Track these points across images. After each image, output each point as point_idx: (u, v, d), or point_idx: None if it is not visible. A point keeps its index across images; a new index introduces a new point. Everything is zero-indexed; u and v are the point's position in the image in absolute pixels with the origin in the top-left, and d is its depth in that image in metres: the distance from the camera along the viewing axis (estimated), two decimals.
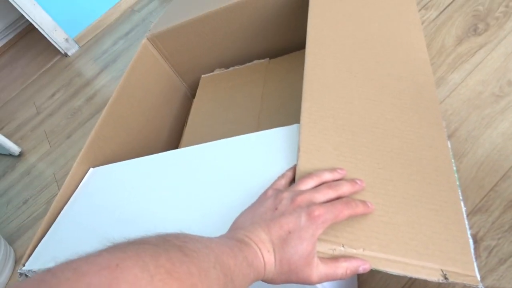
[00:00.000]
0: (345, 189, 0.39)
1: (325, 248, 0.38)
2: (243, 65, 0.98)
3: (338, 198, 0.39)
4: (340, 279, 0.37)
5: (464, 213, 0.39)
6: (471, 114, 0.81)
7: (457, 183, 0.42)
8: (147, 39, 0.94)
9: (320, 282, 0.36)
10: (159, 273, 0.23)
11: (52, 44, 2.14)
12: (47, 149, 1.56)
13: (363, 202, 0.39)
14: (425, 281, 0.63)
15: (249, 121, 0.80)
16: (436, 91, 0.50)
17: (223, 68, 1.01)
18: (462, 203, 0.40)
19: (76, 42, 2.17)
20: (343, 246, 0.38)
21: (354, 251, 0.37)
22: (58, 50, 2.18)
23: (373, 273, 0.68)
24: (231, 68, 1.00)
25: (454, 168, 0.43)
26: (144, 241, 0.26)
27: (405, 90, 0.51)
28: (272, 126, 0.54)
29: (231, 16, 0.87)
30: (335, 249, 0.38)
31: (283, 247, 0.35)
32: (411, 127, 0.47)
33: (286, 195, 0.38)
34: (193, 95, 1.06)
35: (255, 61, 0.97)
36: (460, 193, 0.41)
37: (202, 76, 1.04)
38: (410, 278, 0.65)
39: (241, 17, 0.87)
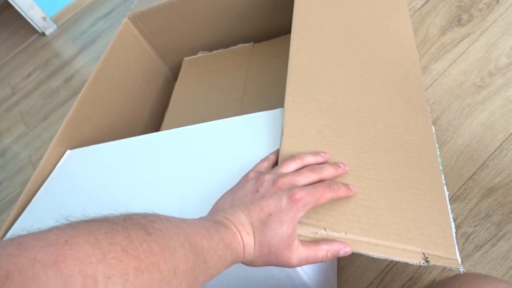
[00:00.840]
0: (327, 172, 0.39)
1: (307, 232, 0.38)
2: (227, 49, 0.97)
3: (320, 181, 0.38)
4: (321, 261, 0.36)
5: (447, 197, 0.40)
6: (453, 104, 0.82)
7: (441, 167, 0.42)
8: (128, 18, 0.91)
9: (300, 265, 0.36)
10: (114, 251, 0.21)
11: (29, 23, 2.06)
12: (23, 131, 1.52)
13: (346, 185, 0.38)
14: (403, 266, 0.64)
15: (231, 105, 0.79)
16: (421, 77, 0.50)
17: (206, 51, 0.99)
18: (445, 188, 0.40)
19: (54, 21, 2.10)
20: (325, 230, 0.38)
21: (336, 234, 0.37)
22: (35, 29, 2.10)
23: (352, 258, 0.68)
24: (214, 51, 0.98)
25: (438, 153, 0.43)
26: (103, 219, 0.25)
27: (391, 76, 0.50)
28: (255, 110, 0.53)
29: None
30: (316, 233, 0.38)
31: (263, 230, 0.34)
32: (396, 112, 0.47)
33: (268, 177, 0.38)
34: (175, 78, 1.03)
35: (240, 45, 0.95)
36: (443, 177, 0.41)
37: (185, 58, 1.01)
38: (389, 264, 0.66)
39: None
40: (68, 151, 0.67)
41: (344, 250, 0.36)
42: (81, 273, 0.19)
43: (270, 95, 0.77)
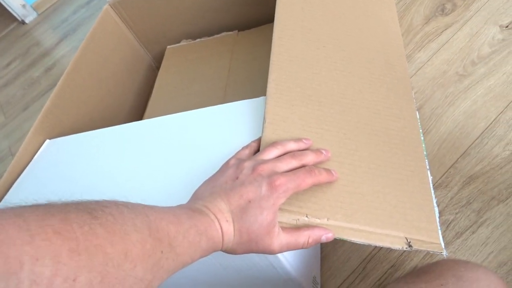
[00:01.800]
0: (309, 158, 0.39)
1: (289, 219, 0.38)
2: (210, 37, 0.95)
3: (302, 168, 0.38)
4: (303, 248, 0.36)
5: (431, 182, 0.39)
6: (436, 93, 0.82)
7: (424, 153, 0.42)
8: (109, 5, 0.89)
9: (281, 251, 0.36)
10: (44, 233, 0.21)
11: (8, 10, 2.00)
12: (2, 121, 1.48)
13: (327, 170, 0.38)
14: (385, 254, 0.65)
15: (215, 94, 0.78)
16: (406, 63, 0.50)
17: (190, 39, 0.98)
18: (428, 173, 0.40)
19: (34, 9, 2.05)
20: (306, 216, 0.37)
21: (318, 220, 0.37)
22: (15, 17, 2.04)
23: (335, 247, 0.69)
24: (198, 40, 0.97)
25: (422, 138, 0.43)
26: (53, 204, 0.24)
27: (375, 61, 0.50)
28: (239, 99, 0.52)
29: None
30: (298, 219, 0.37)
31: (243, 217, 0.34)
32: (380, 98, 0.47)
33: (248, 164, 0.37)
34: (158, 67, 1.02)
35: (223, 33, 0.94)
36: (427, 163, 0.41)
37: (168, 47, 1.00)
38: (371, 252, 0.66)
39: None
40: (47, 140, 0.66)
41: (326, 235, 0.36)
42: (2, 254, 0.19)
43: (254, 83, 0.76)
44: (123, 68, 0.93)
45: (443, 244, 0.36)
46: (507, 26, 0.88)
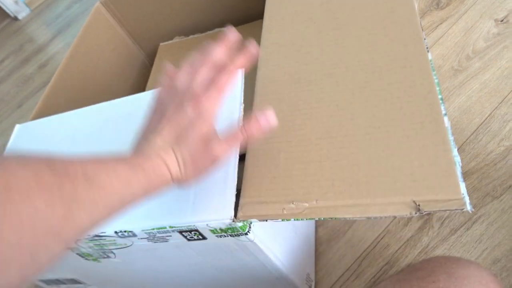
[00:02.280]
0: (216, 53, 0.37)
1: (274, 210, 0.36)
2: (203, 33, 0.94)
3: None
4: (244, 140, 0.35)
5: (449, 129, 0.34)
6: None
7: (439, 96, 0.37)
8: (100, 2, 0.88)
9: (226, 154, 0.35)
10: None
11: (0, 7, 1.98)
12: None
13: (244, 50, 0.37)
14: (380, 251, 0.65)
15: None
16: (414, 2, 0.44)
17: (182, 36, 0.97)
18: (445, 119, 0.35)
19: (27, 5, 2.02)
20: (293, 203, 0.36)
21: (306, 204, 0.35)
22: (7, 13, 2.02)
23: (330, 244, 0.68)
24: (191, 36, 0.96)
25: (436, 81, 0.38)
26: None
27: (374, 16, 0.46)
28: None
29: None
30: (284, 208, 0.36)
31: (180, 144, 0.33)
32: (381, 54, 0.42)
33: (166, 100, 0.36)
34: (151, 64, 1.01)
35: (216, 29, 0.93)
36: (443, 107, 0.36)
37: (161, 44, 0.99)
38: (366, 249, 0.66)
39: None
40: (17, 125, 0.64)
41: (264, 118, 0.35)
42: None
43: (246, 79, 0.75)
44: (116, 66, 0.92)
45: (467, 198, 0.30)
46: (502, 20, 0.87)
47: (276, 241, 0.48)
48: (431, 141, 0.34)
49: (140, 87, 0.99)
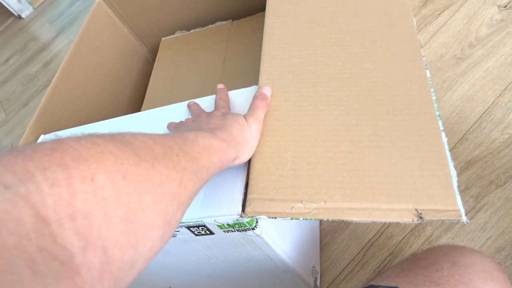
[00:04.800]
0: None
1: (283, 208, 0.37)
2: (205, 27, 0.94)
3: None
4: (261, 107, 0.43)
5: (445, 144, 0.36)
6: (434, 77, 0.81)
7: (437, 113, 0.38)
8: None
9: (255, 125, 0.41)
10: (40, 152, 0.20)
11: (4, 6, 1.99)
12: (3, 118, 1.48)
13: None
14: (384, 241, 0.65)
15: (210, 85, 0.78)
16: (412, 19, 0.46)
17: (184, 30, 0.97)
18: (443, 134, 0.37)
19: (30, 3, 2.03)
20: (301, 203, 0.37)
21: (314, 205, 0.36)
22: (11, 12, 2.03)
23: (334, 236, 0.69)
24: (192, 30, 0.96)
25: (434, 98, 0.39)
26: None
27: (376, 27, 0.47)
28: (234, 89, 0.52)
29: None
30: (293, 207, 0.37)
31: (224, 131, 0.37)
32: (383, 65, 0.44)
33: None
34: (154, 59, 1.01)
35: (217, 23, 0.93)
36: (440, 124, 0.37)
37: (163, 39, 0.99)
38: (370, 240, 0.67)
39: None
40: (42, 136, 0.66)
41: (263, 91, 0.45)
42: (9, 170, 0.18)
43: (249, 73, 0.76)
44: (118, 62, 0.92)
45: (463, 210, 0.32)
46: (505, 6, 0.86)
47: (282, 235, 0.49)
48: (430, 154, 0.36)
49: (143, 82, 0.99)
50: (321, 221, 0.71)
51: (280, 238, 0.48)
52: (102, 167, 0.21)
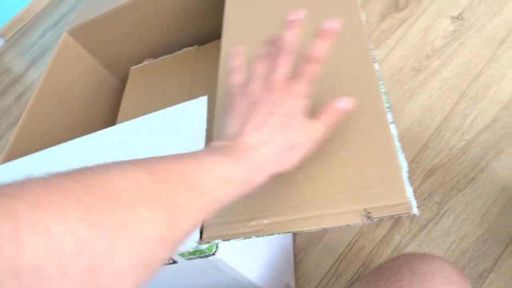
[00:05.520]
0: (289, 39, 0.36)
1: (238, 229, 0.37)
2: (172, 54, 0.96)
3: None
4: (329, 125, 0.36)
5: (395, 136, 0.35)
6: (393, 89, 0.85)
7: (386, 105, 0.38)
8: (68, 33, 0.90)
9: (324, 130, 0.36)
10: None
11: None
12: None
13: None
14: (355, 254, 0.67)
15: None
16: (361, 14, 0.47)
17: (152, 58, 0.99)
18: (391, 126, 0.36)
19: (1, 35, 2.03)
20: (253, 221, 0.37)
21: (266, 221, 0.36)
22: None
23: (307, 251, 0.70)
24: (160, 58, 0.97)
25: (382, 90, 0.39)
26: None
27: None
28: None
29: (152, 3, 0.84)
30: (245, 226, 0.37)
31: (274, 135, 0.33)
32: (331, 63, 0.43)
33: (254, 85, 0.36)
34: (124, 88, 1.02)
35: (184, 49, 0.95)
36: (389, 116, 0.37)
37: (132, 67, 1.00)
38: (342, 253, 0.68)
39: (166, 3, 0.84)
40: None
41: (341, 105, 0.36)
42: None
43: (215, 98, 0.77)
44: (88, 93, 0.93)
45: (414, 202, 0.31)
46: (457, 17, 0.90)
47: (247, 256, 0.50)
48: (379, 149, 0.35)
49: (114, 111, 1.00)
50: (294, 238, 0.73)
51: (246, 259, 0.49)
52: (63, 215, 0.19)
